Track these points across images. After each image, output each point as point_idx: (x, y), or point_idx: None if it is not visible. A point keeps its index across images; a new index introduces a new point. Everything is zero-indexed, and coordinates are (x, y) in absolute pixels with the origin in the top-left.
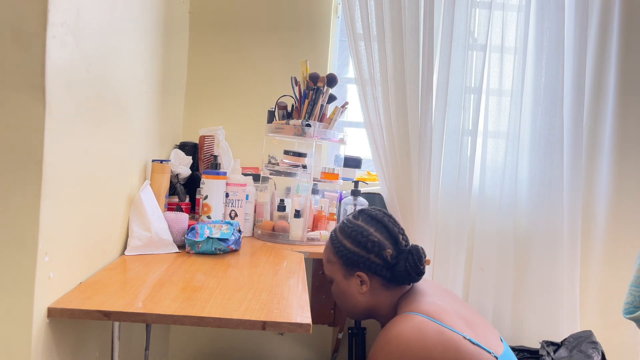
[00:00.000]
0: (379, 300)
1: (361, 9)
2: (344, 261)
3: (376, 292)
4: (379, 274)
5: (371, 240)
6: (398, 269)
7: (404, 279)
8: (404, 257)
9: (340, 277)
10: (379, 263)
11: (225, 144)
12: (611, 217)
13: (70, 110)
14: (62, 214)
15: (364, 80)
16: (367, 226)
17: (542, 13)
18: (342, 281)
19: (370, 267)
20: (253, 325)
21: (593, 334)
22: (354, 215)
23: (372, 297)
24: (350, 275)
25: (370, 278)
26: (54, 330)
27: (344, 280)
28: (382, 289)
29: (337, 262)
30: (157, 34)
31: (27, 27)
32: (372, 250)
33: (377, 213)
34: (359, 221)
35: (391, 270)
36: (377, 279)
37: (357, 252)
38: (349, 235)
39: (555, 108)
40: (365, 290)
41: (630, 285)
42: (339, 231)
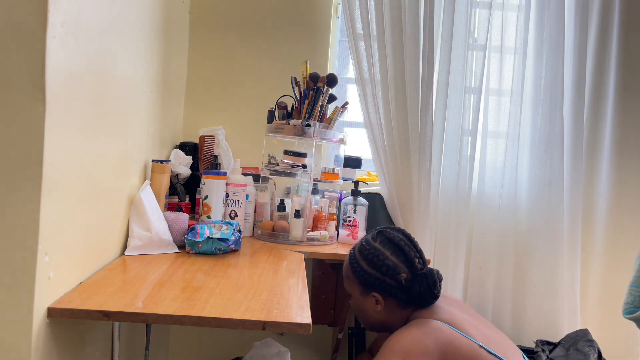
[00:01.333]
0: (394, 317)
1: (361, 9)
2: (361, 281)
3: (391, 310)
4: (394, 295)
5: (386, 264)
6: (413, 292)
7: (418, 301)
8: (418, 280)
9: (357, 294)
10: (394, 285)
11: (225, 144)
12: (611, 216)
13: (70, 110)
14: (62, 214)
15: (364, 80)
16: (384, 249)
17: (542, 13)
18: (359, 298)
19: (386, 289)
20: (253, 325)
21: (589, 333)
22: (373, 237)
23: (386, 315)
24: (366, 294)
25: (384, 299)
26: (54, 330)
27: (361, 297)
28: (396, 309)
29: (355, 280)
30: (157, 34)
31: (27, 27)
32: (387, 274)
33: (394, 235)
34: (377, 243)
35: (406, 293)
36: (391, 300)
37: (373, 274)
38: (366, 257)
39: (555, 108)
40: (380, 309)
41: (630, 285)
42: (358, 252)
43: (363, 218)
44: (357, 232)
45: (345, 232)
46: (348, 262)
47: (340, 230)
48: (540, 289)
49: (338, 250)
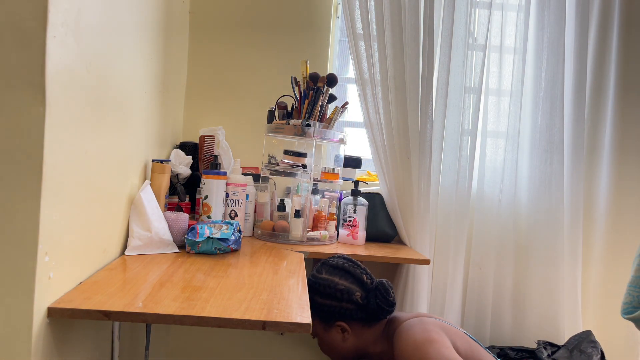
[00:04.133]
0: (364, 339)
1: (361, 9)
2: (320, 316)
3: (359, 334)
4: (355, 317)
5: (339, 290)
6: (370, 307)
7: (378, 314)
8: (372, 294)
9: (322, 332)
10: (352, 308)
11: (225, 144)
12: (611, 216)
13: (70, 110)
14: (62, 214)
15: (364, 80)
16: (331, 277)
17: (542, 13)
18: (324, 334)
19: (345, 314)
20: (253, 325)
21: (592, 334)
22: (317, 270)
23: (356, 340)
24: (329, 327)
25: (348, 324)
26: (54, 330)
27: (326, 333)
28: (363, 329)
29: (315, 318)
30: (157, 34)
31: (27, 27)
32: (343, 298)
33: (337, 261)
34: (323, 274)
35: (365, 311)
36: (355, 323)
37: (329, 304)
38: (317, 290)
39: (555, 107)
40: (347, 337)
41: (628, 285)
42: (310, 289)
43: (363, 218)
44: (357, 232)
45: (345, 232)
46: None
47: (340, 230)
48: (540, 289)
49: (338, 250)
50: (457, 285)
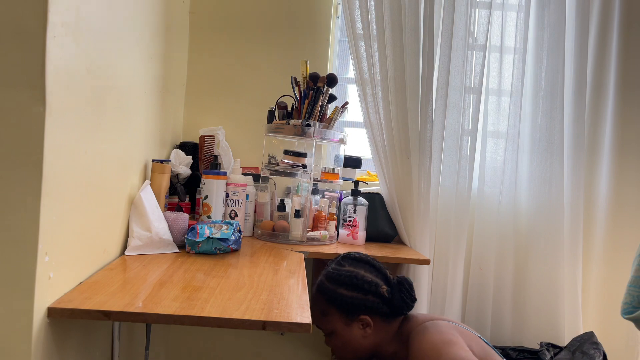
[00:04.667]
0: (382, 337)
1: (361, 9)
2: (343, 309)
3: (379, 330)
4: (379, 312)
5: (366, 281)
6: (395, 301)
7: (402, 309)
8: (397, 289)
9: (341, 327)
10: (377, 301)
11: (225, 144)
12: (612, 216)
13: (70, 110)
14: (62, 213)
15: (364, 80)
16: (356, 269)
17: (542, 13)
18: (343, 330)
19: (371, 307)
20: (253, 325)
21: (594, 335)
22: (338, 263)
23: (375, 337)
24: (351, 321)
25: (372, 319)
26: (54, 330)
27: (346, 329)
28: (382, 325)
29: (335, 312)
30: (157, 34)
31: (27, 27)
32: (370, 291)
33: (360, 255)
34: (346, 267)
35: (389, 305)
36: (377, 318)
37: (354, 296)
38: (342, 282)
39: (555, 107)
40: (369, 333)
41: (628, 285)
42: (329, 281)
43: (363, 218)
44: (357, 232)
45: (345, 232)
46: (320, 296)
47: (340, 230)
48: (540, 289)
49: (338, 250)
50: (457, 285)
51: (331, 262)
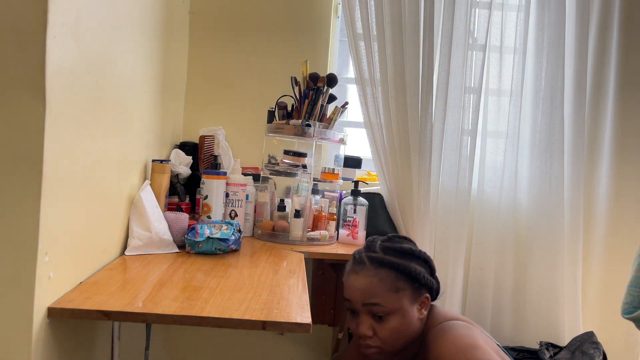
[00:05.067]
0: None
1: (361, 9)
2: (415, 285)
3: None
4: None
5: (429, 259)
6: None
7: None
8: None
9: (407, 306)
10: (433, 282)
11: (225, 144)
12: (612, 216)
13: (70, 110)
14: (62, 214)
15: (364, 80)
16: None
17: (542, 13)
18: (407, 309)
19: (431, 287)
20: (253, 325)
21: (594, 335)
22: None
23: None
24: (415, 300)
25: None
26: (54, 330)
27: (409, 308)
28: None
29: (407, 287)
30: (157, 34)
31: (27, 27)
32: (432, 269)
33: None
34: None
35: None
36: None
37: (424, 273)
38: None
39: (555, 107)
40: (424, 314)
41: (628, 285)
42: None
43: (363, 218)
44: (357, 232)
45: (345, 232)
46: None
47: (340, 230)
48: (540, 289)
49: (338, 250)
50: (457, 285)
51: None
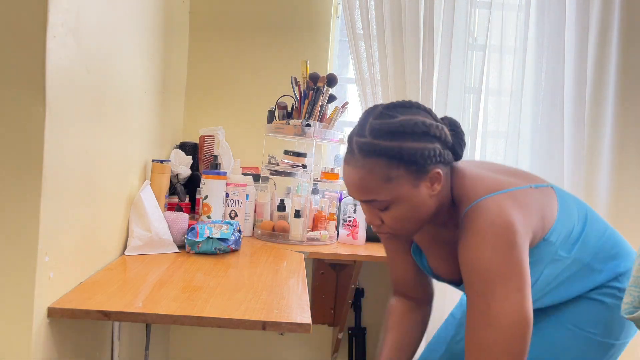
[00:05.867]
0: (442, 195)
1: (361, 9)
2: (415, 165)
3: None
4: (447, 159)
5: (432, 125)
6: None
7: (460, 152)
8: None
9: (408, 190)
10: (442, 147)
11: (225, 144)
12: (612, 216)
13: (70, 110)
14: (62, 214)
15: (364, 80)
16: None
17: (542, 13)
18: (410, 193)
19: (440, 156)
20: (253, 325)
21: None
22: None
23: (440, 194)
24: (420, 179)
25: (441, 169)
26: (54, 330)
27: (413, 191)
28: (445, 178)
29: (403, 173)
30: (157, 34)
31: (27, 27)
32: (436, 136)
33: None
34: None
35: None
36: (444, 168)
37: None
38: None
39: (555, 107)
40: (438, 189)
41: (629, 285)
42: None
43: (363, 218)
44: (357, 232)
45: (345, 232)
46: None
47: (340, 230)
48: None
49: (338, 250)
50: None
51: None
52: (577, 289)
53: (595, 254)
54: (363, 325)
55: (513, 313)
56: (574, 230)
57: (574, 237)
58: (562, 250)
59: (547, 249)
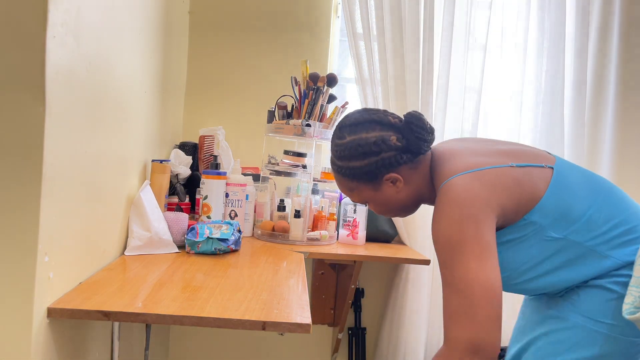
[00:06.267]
0: (417, 184)
1: (361, 9)
2: (365, 178)
3: (409, 180)
4: (400, 162)
5: (372, 143)
6: (411, 144)
7: (421, 148)
8: (407, 131)
9: (372, 194)
10: (393, 154)
11: (225, 144)
12: None
13: (70, 110)
14: (62, 214)
15: (364, 80)
16: (357, 135)
17: (542, 13)
18: (376, 196)
19: (390, 163)
20: (253, 325)
21: None
22: (338, 136)
23: (410, 188)
24: (378, 185)
25: (397, 172)
26: (54, 330)
27: (378, 194)
28: (412, 173)
29: (359, 184)
30: (157, 34)
31: (27, 27)
32: (381, 149)
33: (354, 117)
34: (346, 138)
35: (407, 151)
36: (402, 169)
37: (368, 162)
38: (349, 156)
39: (555, 107)
40: (401, 187)
41: (630, 285)
42: (339, 160)
43: (363, 218)
44: (357, 232)
45: (345, 232)
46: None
47: (340, 230)
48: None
49: (338, 250)
50: None
51: (333, 136)
52: (583, 274)
53: (602, 239)
54: (363, 325)
55: (473, 280)
56: (573, 212)
57: (572, 219)
58: (553, 230)
59: (531, 229)
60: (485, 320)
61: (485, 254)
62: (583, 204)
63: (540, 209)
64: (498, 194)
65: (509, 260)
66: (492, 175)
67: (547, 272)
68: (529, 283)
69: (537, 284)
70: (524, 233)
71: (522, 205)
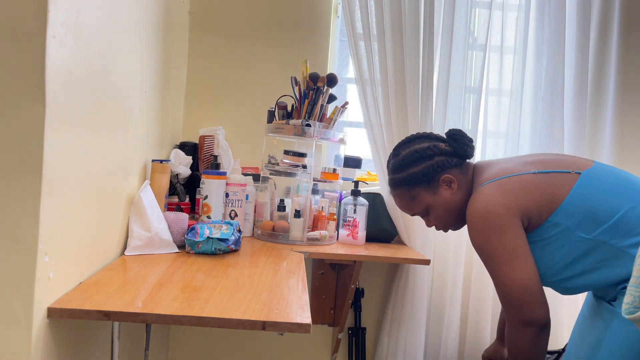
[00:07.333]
0: (466, 188)
1: (361, 9)
2: (424, 182)
3: (460, 181)
4: (451, 164)
5: (425, 148)
6: (458, 149)
7: (466, 152)
8: (451, 140)
9: (432, 198)
10: (444, 158)
11: (225, 144)
12: None
13: (70, 110)
14: (61, 214)
15: (364, 80)
16: (410, 148)
17: (542, 13)
18: (435, 200)
19: (443, 164)
20: (253, 325)
21: None
22: (394, 154)
23: (462, 191)
24: (436, 187)
25: (450, 173)
26: (54, 330)
27: (436, 197)
28: (462, 177)
29: (419, 189)
30: (157, 34)
31: (27, 27)
32: (434, 153)
33: (406, 138)
34: (402, 152)
35: (455, 154)
36: (453, 171)
37: (425, 166)
38: (408, 164)
39: (555, 107)
40: (456, 188)
41: (629, 285)
42: (398, 172)
43: (363, 218)
44: (357, 232)
45: (345, 232)
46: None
47: (340, 230)
48: None
49: (338, 250)
50: (458, 286)
51: (389, 160)
52: (618, 275)
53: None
54: (363, 325)
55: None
56: (600, 213)
57: (600, 220)
58: (581, 231)
59: (557, 230)
60: (523, 306)
61: (512, 256)
62: (612, 205)
63: (562, 210)
64: (519, 198)
65: (542, 258)
66: (514, 182)
67: (583, 271)
68: (568, 282)
69: (576, 283)
70: (552, 234)
71: (543, 208)
